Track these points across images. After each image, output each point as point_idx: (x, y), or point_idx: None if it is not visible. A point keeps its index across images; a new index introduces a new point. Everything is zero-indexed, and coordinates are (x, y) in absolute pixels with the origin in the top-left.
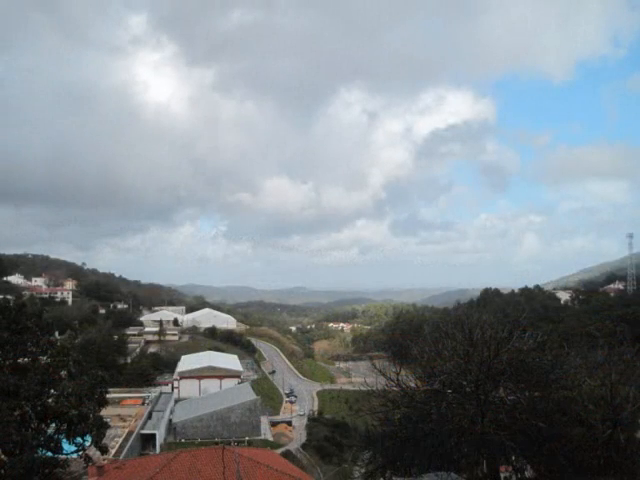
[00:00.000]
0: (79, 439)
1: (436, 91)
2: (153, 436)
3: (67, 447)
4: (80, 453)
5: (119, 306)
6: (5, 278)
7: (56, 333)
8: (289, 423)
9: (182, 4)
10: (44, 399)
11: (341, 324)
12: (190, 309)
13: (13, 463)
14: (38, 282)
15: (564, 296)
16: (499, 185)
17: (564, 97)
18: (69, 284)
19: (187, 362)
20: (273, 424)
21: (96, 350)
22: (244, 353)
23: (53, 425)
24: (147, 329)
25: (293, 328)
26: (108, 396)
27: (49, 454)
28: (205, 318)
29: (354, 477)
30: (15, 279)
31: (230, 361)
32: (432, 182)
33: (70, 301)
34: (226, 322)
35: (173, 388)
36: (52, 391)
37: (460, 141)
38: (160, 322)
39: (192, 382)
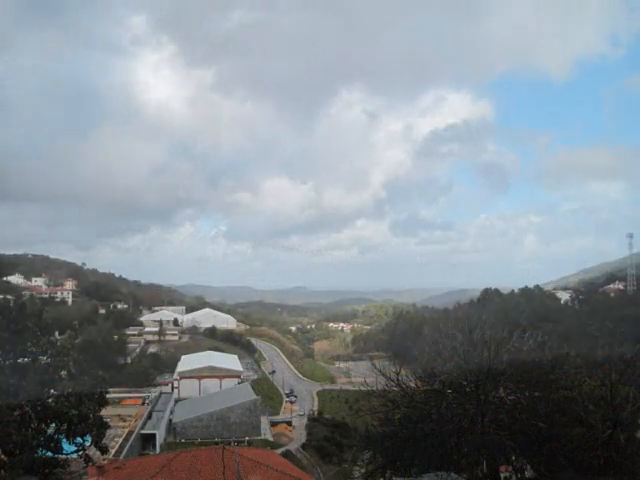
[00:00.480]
0: (79, 439)
1: (436, 91)
2: (153, 436)
3: (67, 447)
4: (80, 453)
5: (119, 306)
6: (5, 278)
7: (56, 333)
8: (289, 423)
9: (182, 4)
10: (44, 399)
11: (341, 324)
12: (190, 309)
13: (13, 463)
14: (38, 282)
15: (564, 296)
16: (499, 185)
17: (564, 97)
18: (69, 284)
19: (187, 362)
20: (273, 424)
21: (96, 350)
22: (244, 353)
23: (53, 425)
24: (147, 329)
25: (293, 328)
26: (108, 396)
27: (49, 454)
28: (205, 318)
29: (354, 477)
30: (15, 279)
31: (230, 361)
32: (432, 182)
33: (70, 301)
34: (226, 322)
35: (173, 388)
36: (52, 391)
37: (460, 141)
38: (160, 322)
39: (192, 382)
